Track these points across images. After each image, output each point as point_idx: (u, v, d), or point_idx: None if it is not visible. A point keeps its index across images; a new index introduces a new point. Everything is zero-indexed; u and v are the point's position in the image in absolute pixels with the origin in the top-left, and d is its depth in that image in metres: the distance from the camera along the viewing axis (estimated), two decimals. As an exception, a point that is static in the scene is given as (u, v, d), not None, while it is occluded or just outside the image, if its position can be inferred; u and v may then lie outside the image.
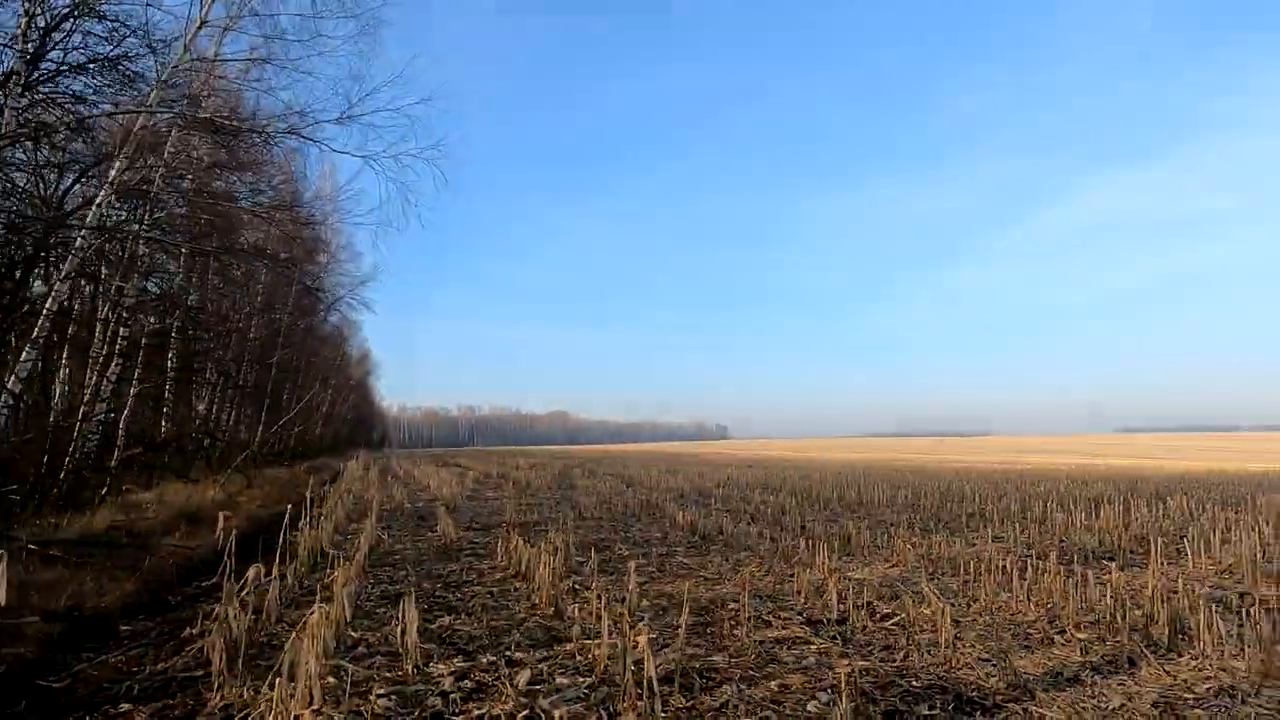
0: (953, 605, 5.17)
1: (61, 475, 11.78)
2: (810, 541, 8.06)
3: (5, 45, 10.17)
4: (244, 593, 4.20)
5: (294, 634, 3.21)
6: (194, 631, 4.70)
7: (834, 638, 4.63)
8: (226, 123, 10.74)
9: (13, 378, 9.09)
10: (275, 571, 4.71)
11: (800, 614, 5.25)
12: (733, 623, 4.97)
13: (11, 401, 9.21)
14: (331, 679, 3.66)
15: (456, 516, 11.39)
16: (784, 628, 4.88)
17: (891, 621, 4.95)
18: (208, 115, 10.63)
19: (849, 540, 8.41)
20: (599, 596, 5.13)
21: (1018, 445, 65.26)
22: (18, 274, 11.21)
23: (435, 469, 26.56)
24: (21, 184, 12.53)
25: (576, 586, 6.13)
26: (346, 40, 12.19)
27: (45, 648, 4.60)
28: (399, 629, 4.23)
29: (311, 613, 3.42)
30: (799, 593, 5.82)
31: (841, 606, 5.28)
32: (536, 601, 5.64)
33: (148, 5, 9.25)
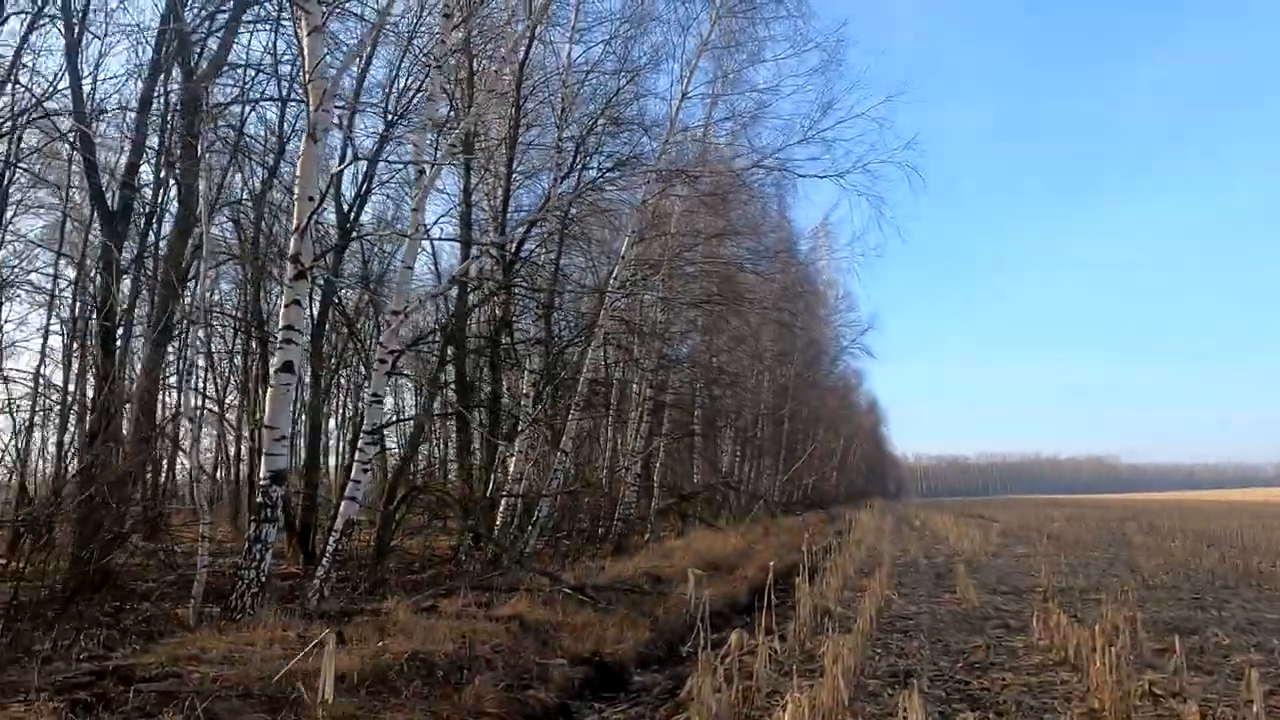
0: None
1: (612, 523, 13.48)
2: None
3: (546, 169, 12.44)
4: (725, 661, 3.74)
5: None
6: (687, 694, 4.42)
7: None
8: (704, 172, 11.51)
9: (566, 438, 10.60)
10: (762, 638, 4.21)
11: None
12: None
13: (567, 460, 10.75)
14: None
15: (979, 576, 9.93)
16: None
17: None
18: (679, 168, 11.56)
19: None
20: (1204, 716, 3.50)
21: None
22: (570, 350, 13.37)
23: (953, 520, 24.57)
24: (573, 275, 15.25)
25: (1155, 690, 4.43)
26: (813, 74, 12.41)
27: (565, 694, 4.78)
28: (905, 728, 3.32)
29: (785, 704, 2.74)
30: None
31: None
32: (1095, 706, 4.18)
33: (639, 96, 10.40)
